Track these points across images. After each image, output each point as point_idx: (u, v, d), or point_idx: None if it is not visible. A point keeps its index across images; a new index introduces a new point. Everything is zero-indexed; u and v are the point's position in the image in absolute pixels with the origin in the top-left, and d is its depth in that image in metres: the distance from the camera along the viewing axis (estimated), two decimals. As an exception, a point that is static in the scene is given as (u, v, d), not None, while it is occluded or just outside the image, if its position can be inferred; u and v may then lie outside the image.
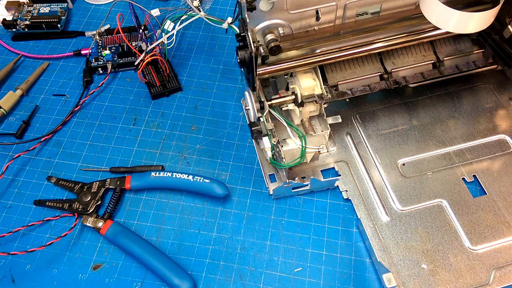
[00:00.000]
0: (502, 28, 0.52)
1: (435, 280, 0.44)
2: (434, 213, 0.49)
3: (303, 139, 0.48)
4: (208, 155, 0.55)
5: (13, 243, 0.48)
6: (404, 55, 0.55)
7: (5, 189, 0.52)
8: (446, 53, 0.56)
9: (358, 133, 0.55)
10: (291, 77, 0.52)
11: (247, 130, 0.57)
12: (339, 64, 0.54)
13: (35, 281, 0.46)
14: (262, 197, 0.51)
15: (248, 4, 0.42)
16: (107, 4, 0.72)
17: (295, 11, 0.46)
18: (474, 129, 0.55)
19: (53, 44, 0.67)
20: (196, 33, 0.68)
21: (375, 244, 0.46)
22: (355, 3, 0.47)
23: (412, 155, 0.53)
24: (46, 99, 0.61)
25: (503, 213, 0.48)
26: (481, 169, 0.52)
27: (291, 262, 0.47)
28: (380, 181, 0.51)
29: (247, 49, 0.45)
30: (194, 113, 0.59)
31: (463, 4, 0.48)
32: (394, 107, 0.57)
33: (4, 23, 0.66)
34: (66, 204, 0.50)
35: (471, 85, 0.59)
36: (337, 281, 0.46)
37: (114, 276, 0.46)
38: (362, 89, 0.54)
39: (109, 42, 0.64)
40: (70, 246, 0.48)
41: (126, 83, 0.62)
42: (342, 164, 0.53)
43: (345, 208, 0.50)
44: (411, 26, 0.51)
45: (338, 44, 0.50)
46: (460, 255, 0.46)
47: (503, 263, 0.45)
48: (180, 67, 0.64)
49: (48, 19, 0.66)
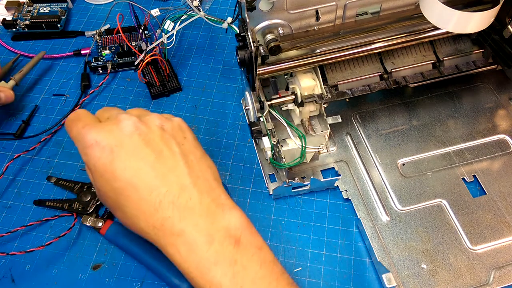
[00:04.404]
0: (502, 28, 0.52)
1: (435, 280, 0.44)
2: (434, 213, 0.49)
3: (303, 139, 0.48)
4: (208, 155, 0.55)
5: (13, 243, 0.48)
6: (404, 55, 0.55)
7: (5, 189, 0.52)
8: (446, 53, 0.56)
9: (358, 133, 0.55)
10: (291, 77, 0.52)
11: (247, 130, 0.57)
12: (339, 64, 0.54)
13: (35, 281, 0.46)
14: (262, 197, 0.51)
15: (248, 4, 0.42)
16: (107, 4, 0.72)
17: (295, 11, 0.46)
18: (474, 129, 0.55)
19: (53, 44, 0.67)
20: (196, 33, 0.68)
21: (375, 244, 0.46)
22: (355, 3, 0.47)
23: (412, 155, 0.53)
24: (46, 99, 0.61)
25: (503, 213, 0.48)
26: (481, 169, 0.52)
27: (291, 262, 0.47)
28: (380, 181, 0.51)
29: (247, 49, 0.45)
30: (194, 113, 0.59)
31: (463, 4, 0.48)
32: (394, 107, 0.57)
33: (4, 23, 0.66)
34: (66, 204, 0.50)
35: (471, 85, 0.59)
36: (337, 281, 0.46)
37: (114, 276, 0.46)
38: (362, 89, 0.54)
39: (109, 42, 0.64)
40: (70, 246, 0.48)
41: (126, 83, 0.62)
42: (342, 164, 0.53)
43: (345, 208, 0.50)
44: (411, 26, 0.51)
45: (338, 44, 0.50)
46: (460, 255, 0.46)
47: (503, 263, 0.45)
48: (180, 67, 0.64)
49: (48, 19, 0.66)
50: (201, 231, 0.35)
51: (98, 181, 0.37)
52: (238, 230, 0.35)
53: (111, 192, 0.37)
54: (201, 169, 0.38)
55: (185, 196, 0.36)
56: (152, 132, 0.38)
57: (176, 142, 0.38)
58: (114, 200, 0.37)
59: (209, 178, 0.38)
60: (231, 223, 0.35)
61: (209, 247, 0.34)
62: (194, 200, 0.36)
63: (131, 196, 0.36)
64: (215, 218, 0.35)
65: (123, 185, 0.36)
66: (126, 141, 0.36)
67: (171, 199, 0.35)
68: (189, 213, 0.35)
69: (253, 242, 0.36)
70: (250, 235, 0.36)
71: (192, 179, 0.36)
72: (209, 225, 0.35)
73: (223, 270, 0.34)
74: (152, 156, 0.36)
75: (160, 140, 0.37)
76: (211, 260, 0.34)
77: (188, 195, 0.36)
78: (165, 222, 0.35)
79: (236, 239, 0.35)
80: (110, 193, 0.37)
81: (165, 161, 0.37)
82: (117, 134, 0.37)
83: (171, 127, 0.39)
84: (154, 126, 0.38)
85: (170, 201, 0.35)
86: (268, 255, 0.36)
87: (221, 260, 0.34)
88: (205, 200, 0.36)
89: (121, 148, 0.36)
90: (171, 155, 0.37)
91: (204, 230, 0.35)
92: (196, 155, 0.39)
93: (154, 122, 0.39)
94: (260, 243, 0.36)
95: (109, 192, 0.37)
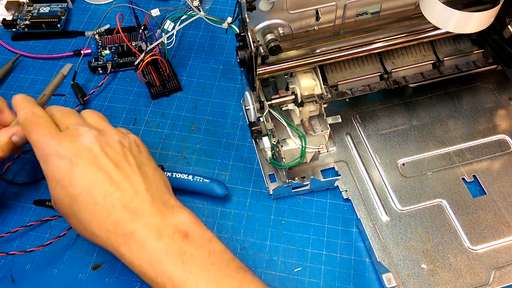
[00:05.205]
0: (502, 28, 0.52)
1: (435, 280, 0.44)
2: (434, 213, 0.49)
3: (303, 139, 0.48)
4: (208, 155, 0.55)
5: (13, 243, 0.48)
6: (404, 55, 0.55)
7: (5, 189, 0.52)
8: (446, 53, 0.56)
9: (358, 133, 0.55)
10: (291, 77, 0.52)
11: (247, 130, 0.57)
12: (339, 64, 0.54)
13: (35, 281, 0.46)
14: (262, 197, 0.51)
15: (248, 4, 0.42)
16: (107, 4, 0.72)
17: (295, 11, 0.46)
18: (474, 129, 0.55)
19: (53, 44, 0.67)
20: (196, 33, 0.68)
21: (375, 244, 0.46)
22: (355, 3, 0.47)
23: (412, 155, 0.53)
24: (46, 99, 0.61)
25: (503, 213, 0.48)
26: (481, 169, 0.52)
27: (291, 262, 0.47)
28: (380, 181, 0.51)
29: (247, 49, 0.45)
30: (194, 113, 0.59)
31: (463, 4, 0.48)
32: (394, 107, 0.57)
33: (4, 23, 0.66)
34: (66, 204, 0.50)
35: (471, 85, 0.59)
36: (337, 281, 0.46)
37: (114, 276, 0.46)
38: (362, 89, 0.54)
39: (109, 42, 0.64)
40: (70, 246, 0.48)
41: (126, 83, 0.62)
42: (342, 164, 0.53)
43: (345, 208, 0.50)
44: (411, 26, 0.51)
45: (338, 44, 0.50)
46: (460, 255, 0.46)
47: (503, 263, 0.45)
48: (180, 67, 0.64)
49: (48, 19, 0.66)
50: (151, 229, 0.36)
51: (54, 188, 0.39)
52: (187, 225, 0.38)
53: (66, 198, 0.38)
54: (155, 179, 0.41)
55: (137, 200, 0.38)
56: (111, 146, 0.40)
57: (132, 155, 0.40)
58: (68, 207, 0.38)
59: (161, 186, 0.41)
60: (180, 220, 0.38)
61: (158, 242, 0.36)
62: (146, 203, 0.38)
63: (86, 202, 0.37)
64: (165, 217, 0.37)
65: (79, 191, 0.37)
66: (85, 152, 0.38)
67: (124, 203, 0.37)
68: (140, 214, 0.37)
69: (202, 235, 0.38)
70: (198, 229, 0.38)
71: (146, 185, 0.39)
72: (159, 223, 0.37)
73: (172, 260, 0.35)
74: (110, 165, 0.38)
75: (117, 153, 0.40)
76: (162, 252, 0.36)
77: (140, 199, 0.38)
78: (117, 225, 0.37)
79: (184, 233, 0.37)
80: (65, 200, 0.38)
81: (121, 170, 0.39)
82: (77, 146, 0.38)
83: (128, 142, 0.41)
84: (113, 141, 0.40)
85: (122, 205, 0.37)
86: (217, 246, 0.38)
87: (171, 251, 0.36)
88: (156, 203, 0.38)
89: (80, 158, 0.38)
90: (128, 165, 0.39)
91: (154, 227, 0.37)
92: (151, 167, 0.42)
93: (112, 137, 0.41)
94: (209, 236, 0.38)
95: (64, 198, 0.38)
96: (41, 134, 0.39)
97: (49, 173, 0.39)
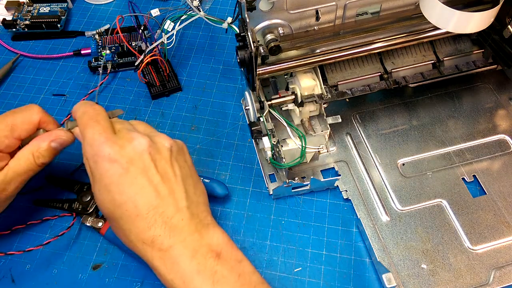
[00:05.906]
0: (502, 28, 0.52)
1: (435, 280, 0.44)
2: (434, 213, 0.49)
3: (303, 139, 0.48)
4: (208, 155, 0.55)
5: (13, 243, 0.48)
6: (404, 55, 0.55)
7: (5, 189, 0.52)
8: (446, 53, 0.56)
9: (358, 133, 0.55)
10: (291, 77, 0.52)
11: (247, 130, 0.57)
12: (339, 64, 0.54)
13: (35, 281, 0.46)
14: (262, 197, 0.51)
15: (248, 4, 0.42)
16: (107, 4, 0.72)
17: (295, 11, 0.46)
18: (474, 129, 0.55)
19: (53, 44, 0.67)
20: (196, 33, 0.68)
21: (375, 244, 0.46)
22: (355, 3, 0.47)
23: (412, 155, 0.53)
24: (46, 99, 0.61)
25: (503, 213, 0.48)
26: (481, 169, 0.52)
27: (291, 262, 0.47)
28: (380, 181, 0.51)
29: (247, 49, 0.45)
30: (194, 113, 0.59)
31: (463, 4, 0.48)
32: (394, 107, 0.57)
33: (4, 23, 0.66)
34: (66, 204, 0.50)
35: (471, 85, 0.59)
36: (337, 281, 0.46)
37: (114, 276, 0.46)
38: (362, 89, 0.54)
39: (109, 42, 0.64)
40: (70, 246, 0.48)
41: (126, 83, 0.62)
42: (342, 164, 0.53)
43: (345, 208, 0.50)
44: (411, 26, 0.51)
45: (338, 44, 0.50)
46: (460, 255, 0.46)
47: (503, 263, 0.45)
48: (180, 67, 0.64)
49: (48, 19, 0.66)
50: (187, 247, 0.37)
51: (100, 190, 0.39)
52: (220, 245, 0.38)
53: (110, 203, 0.38)
54: (196, 194, 0.41)
55: (178, 217, 0.38)
56: (161, 153, 0.40)
57: (178, 165, 0.41)
58: (111, 211, 0.39)
59: (200, 202, 0.41)
60: (214, 239, 0.38)
61: (192, 260, 0.36)
62: (185, 221, 0.38)
63: (129, 211, 0.37)
64: (201, 236, 0.38)
65: (125, 200, 0.37)
66: (137, 159, 0.38)
67: (165, 219, 0.37)
68: (179, 231, 0.37)
69: (233, 256, 0.38)
70: (230, 250, 0.38)
71: (187, 202, 0.39)
72: (195, 242, 0.37)
73: (204, 279, 0.36)
74: (158, 178, 0.39)
75: (166, 162, 0.40)
76: (194, 270, 0.36)
77: (181, 216, 0.38)
78: (155, 239, 0.37)
79: (217, 253, 0.37)
80: (109, 205, 0.38)
81: (167, 183, 0.39)
82: (129, 151, 0.38)
83: (176, 150, 0.41)
84: (163, 148, 0.40)
85: (163, 220, 0.37)
86: (247, 267, 0.38)
87: (203, 270, 0.36)
88: (194, 220, 0.39)
89: (131, 165, 0.38)
90: (174, 177, 0.40)
91: (191, 246, 0.37)
92: (194, 180, 0.42)
93: (163, 143, 0.41)
94: (240, 257, 0.39)
95: (109, 203, 0.38)
96: (97, 132, 0.39)
97: (97, 175, 0.38)
